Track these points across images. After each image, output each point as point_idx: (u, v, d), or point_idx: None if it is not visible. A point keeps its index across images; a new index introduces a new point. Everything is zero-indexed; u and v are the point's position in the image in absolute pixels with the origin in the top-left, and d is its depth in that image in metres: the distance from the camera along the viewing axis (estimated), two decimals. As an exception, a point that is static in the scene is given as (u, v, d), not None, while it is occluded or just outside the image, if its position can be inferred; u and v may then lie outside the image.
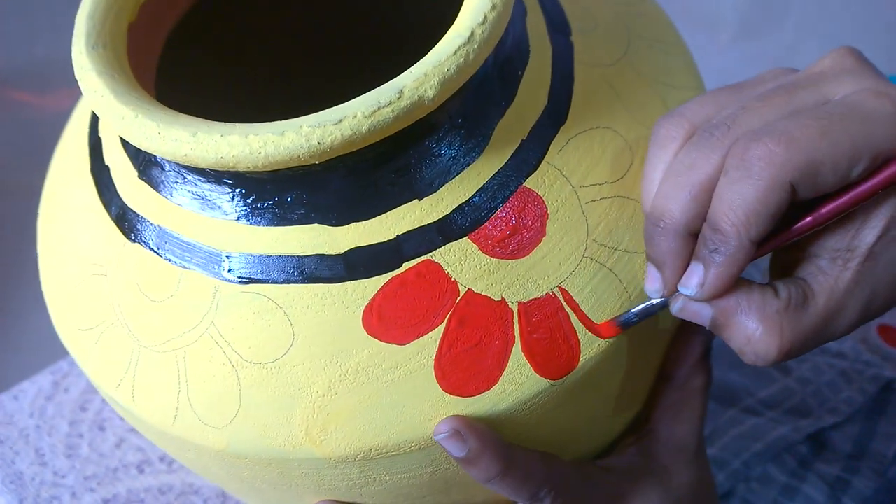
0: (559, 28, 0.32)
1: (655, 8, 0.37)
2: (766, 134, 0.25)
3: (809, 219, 0.26)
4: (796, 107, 0.26)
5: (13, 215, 0.63)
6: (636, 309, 0.29)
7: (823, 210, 0.25)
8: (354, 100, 0.26)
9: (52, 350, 0.55)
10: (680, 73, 0.34)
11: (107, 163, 0.32)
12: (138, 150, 0.31)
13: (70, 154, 0.36)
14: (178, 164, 0.29)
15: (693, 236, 0.27)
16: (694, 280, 0.27)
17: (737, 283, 0.27)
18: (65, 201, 0.35)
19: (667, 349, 0.35)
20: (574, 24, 0.33)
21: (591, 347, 0.29)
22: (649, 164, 0.29)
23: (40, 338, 0.63)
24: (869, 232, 0.26)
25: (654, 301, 0.29)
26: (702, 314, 0.28)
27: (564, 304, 0.29)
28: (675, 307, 0.28)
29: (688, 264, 0.28)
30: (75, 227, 0.33)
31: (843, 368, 0.50)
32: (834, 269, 0.26)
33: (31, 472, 0.51)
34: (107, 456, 0.52)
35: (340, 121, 0.25)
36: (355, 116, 0.25)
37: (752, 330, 0.26)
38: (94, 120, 0.35)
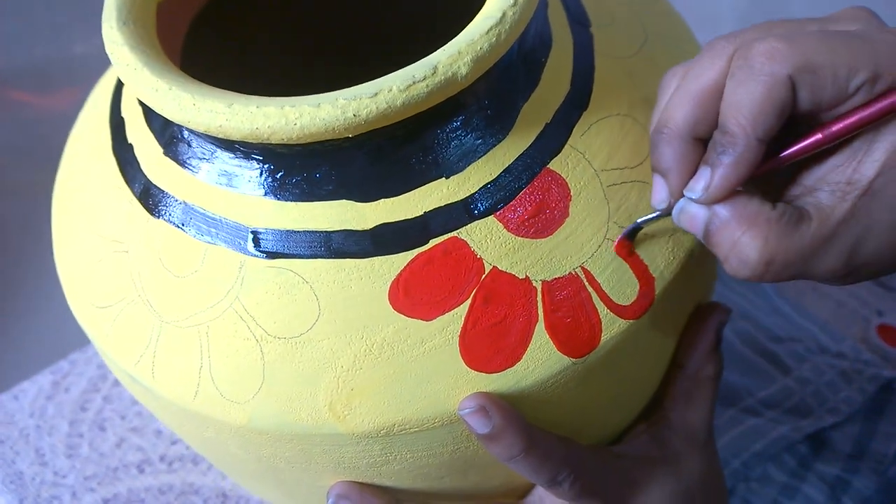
0: (579, 20, 0.33)
1: (668, 7, 0.38)
2: (768, 35, 0.26)
3: (819, 135, 0.26)
4: (801, 28, 0.27)
5: (13, 215, 0.63)
6: (642, 219, 0.29)
7: (834, 128, 0.26)
8: (390, 74, 0.26)
9: (52, 350, 0.55)
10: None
11: (130, 141, 0.33)
12: (164, 127, 0.31)
13: (88, 136, 0.36)
14: (206, 140, 0.29)
15: (699, 143, 0.28)
16: (700, 183, 0.27)
17: (738, 193, 0.27)
18: (83, 181, 0.35)
19: (679, 338, 0.36)
20: (593, 19, 0.34)
21: (612, 327, 0.30)
22: (658, 100, 0.30)
23: (40, 338, 0.63)
24: (870, 166, 0.26)
25: (658, 212, 0.29)
26: (697, 218, 0.28)
27: (586, 283, 0.29)
28: (675, 212, 0.28)
29: (694, 172, 0.28)
30: (95, 206, 0.33)
31: (843, 368, 0.51)
32: (832, 200, 0.26)
33: (32, 472, 0.50)
34: (107, 456, 0.51)
35: (376, 94, 0.26)
36: (391, 90, 0.26)
37: (739, 234, 0.26)
38: (115, 101, 0.35)
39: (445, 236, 0.29)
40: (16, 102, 0.70)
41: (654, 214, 0.29)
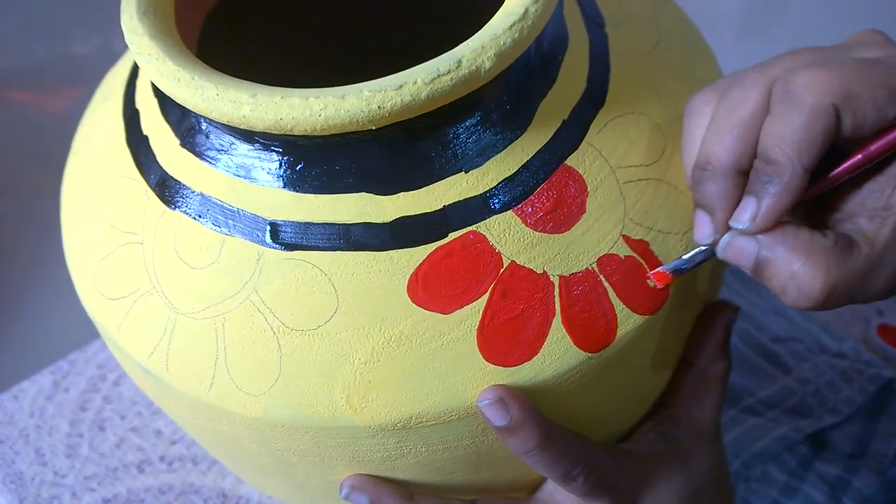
0: (594, 20, 0.34)
1: (678, 8, 0.38)
2: (805, 65, 0.26)
3: (860, 156, 0.26)
4: (831, 56, 0.27)
5: (13, 215, 0.63)
6: (686, 256, 0.30)
7: (873, 147, 0.26)
8: (414, 67, 0.26)
9: (52, 350, 0.55)
10: (705, 67, 0.36)
11: (145, 133, 0.33)
12: (181, 119, 0.31)
13: (100, 129, 0.36)
14: (225, 131, 0.29)
15: (741, 178, 0.28)
16: (747, 214, 0.27)
17: (786, 222, 0.27)
18: (95, 174, 0.35)
19: (688, 335, 0.36)
20: (608, 18, 0.34)
21: (627, 322, 0.30)
22: (688, 129, 0.30)
23: (40, 338, 0.63)
24: None
25: (703, 247, 0.29)
26: (747, 251, 0.28)
27: (603, 279, 0.30)
28: (721, 246, 0.28)
29: (737, 205, 0.28)
30: (108, 198, 0.33)
31: (843, 368, 0.51)
32: (873, 226, 0.27)
33: (31, 472, 0.50)
34: (107, 456, 0.51)
35: (401, 86, 0.26)
36: (415, 83, 0.26)
37: (798, 266, 0.26)
38: (129, 93, 0.35)
39: (464, 230, 0.29)
40: (16, 102, 0.70)
41: (697, 251, 0.30)
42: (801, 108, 0.26)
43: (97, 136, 0.36)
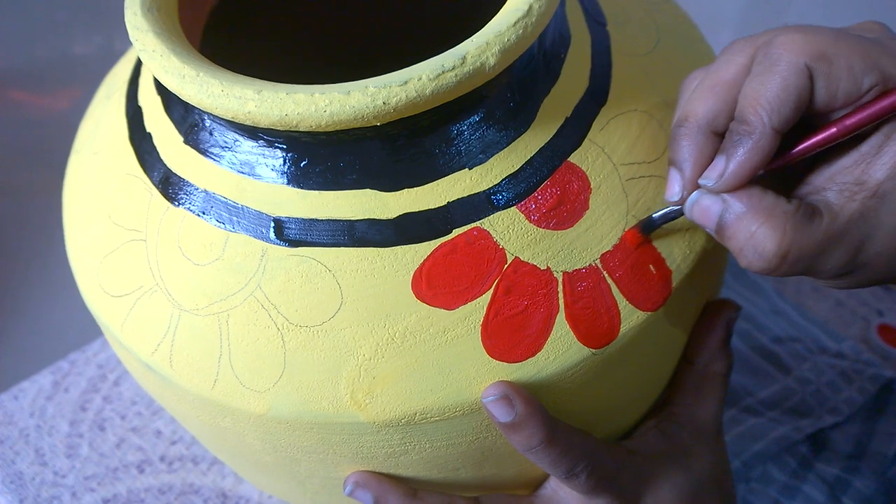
0: (596, 18, 0.34)
1: (678, 8, 0.39)
2: (787, 30, 0.26)
3: (833, 129, 0.26)
4: (816, 27, 0.27)
5: (13, 215, 0.62)
6: (656, 214, 0.30)
7: (848, 121, 0.26)
8: (419, 63, 0.26)
9: (52, 350, 0.55)
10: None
11: (148, 130, 0.33)
12: (184, 116, 0.31)
13: (102, 127, 0.36)
14: (229, 128, 0.29)
15: (716, 136, 0.28)
16: (715, 171, 0.27)
17: (752, 184, 0.27)
18: (97, 171, 0.35)
19: (690, 333, 0.36)
20: (609, 17, 0.34)
21: (630, 319, 0.30)
22: (680, 96, 0.30)
23: (40, 338, 0.62)
24: (879, 169, 0.26)
25: (673, 205, 0.29)
26: (711, 210, 0.28)
27: (606, 275, 0.30)
28: (688, 205, 0.28)
29: (709, 164, 0.28)
30: (111, 195, 0.33)
31: (843, 368, 0.51)
32: (840, 199, 0.27)
33: (31, 472, 0.50)
34: (107, 456, 0.51)
35: (406, 82, 0.26)
36: (420, 79, 0.26)
37: (756, 226, 0.26)
38: (132, 91, 0.35)
39: (468, 226, 0.29)
40: (16, 102, 0.70)
41: (668, 209, 0.30)
42: (775, 67, 0.26)
43: (100, 133, 0.36)
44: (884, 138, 0.26)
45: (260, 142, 0.29)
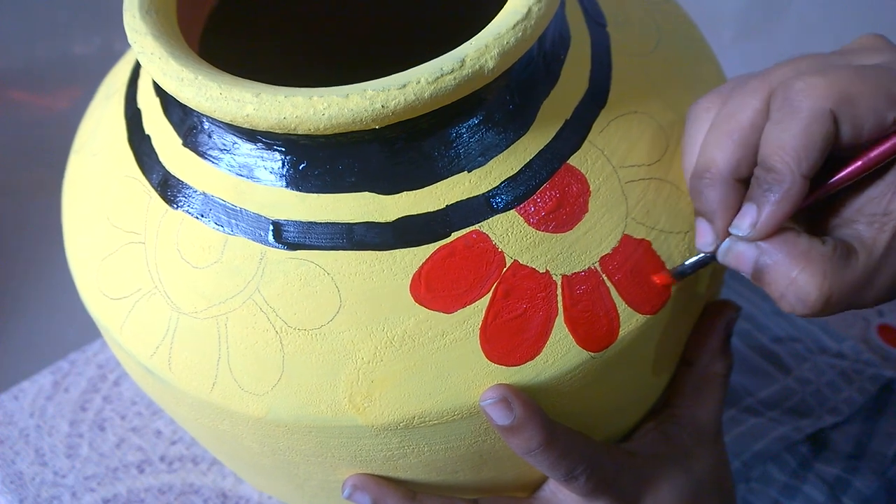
0: (596, 20, 0.34)
1: (679, 8, 0.39)
2: (804, 73, 0.26)
3: (859, 162, 0.26)
4: (830, 63, 0.27)
5: (13, 215, 0.62)
6: (689, 262, 0.30)
7: (872, 154, 0.26)
8: (418, 66, 0.26)
9: (52, 350, 0.55)
10: (705, 67, 0.36)
11: (147, 132, 0.33)
12: (183, 118, 0.31)
13: (101, 128, 0.36)
14: (228, 131, 0.29)
15: (740, 184, 0.28)
16: (747, 221, 0.27)
17: (785, 229, 0.27)
18: (96, 173, 0.35)
19: (690, 335, 0.36)
20: (609, 18, 0.34)
21: (629, 322, 0.30)
22: (688, 133, 0.30)
23: (40, 338, 0.62)
24: None
25: (705, 253, 0.29)
26: (746, 256, 0.28)
27: (605, 278, 0.30)
28: (721, 251, 0.28)
29: (737, 212, 0.28)
30: (109, 197, 0.33)
31: (843, 368, 0.51)
32: (871, 232, 0.27)
33: (31, 472, 0.50)
34: (107, 456, 0.51)
35: (404, 85, 0.26)
36: (419, 82, 0.26)
37: (796, 272, 0.26)
38: (130, 93, 0.35)
39: (467, 229, 0.29)
40: (16, 102, 0.70)
41: (699, 257, 0.30)
42: (799, 114, 0.26)
43: (99, 135, 0.36)
44: None
45: (258, 144, 0.29)
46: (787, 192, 0.26)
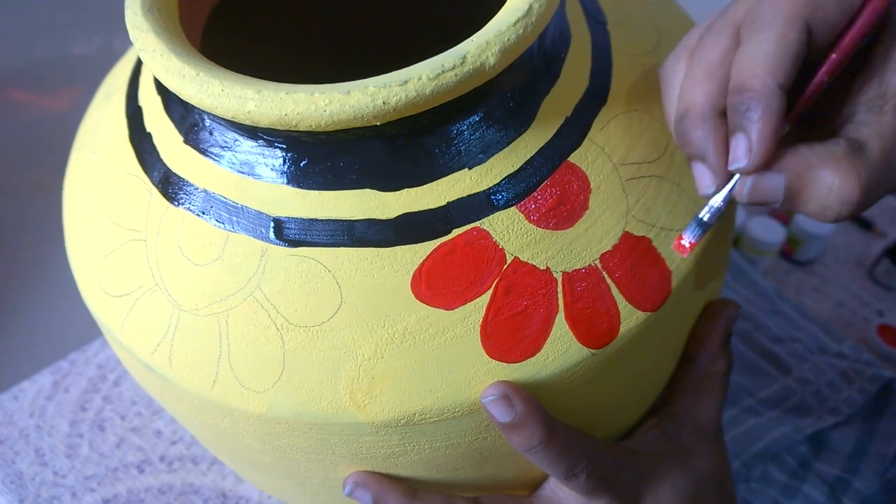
0: (596, 18, 0.34)
1: (678, 8, 0.39)
2: None
3: (833, 55, 0.26)
4: None
5: (13, 215, 0.62)
6: (705, 215, 0.29)
7: (843, 43, 0.26)
8: (419, 63, 0.26)
9: (52, 350, 0.55)
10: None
11: (148, 130, 0.33)
12: (184, 116, 0.31)
13: (102, 126, 0.36)
14: (229, 128, 0.29)
15: (722, 118, 0.27)
16: (740, 149, 0.26)
17: (794, 146, 0.27)
18: (97, 171, 0.35)
19: (690, 333, 0.36)
20: (609, 16, 0.34)
21: (630, 319, 0.30)
22: (665, 92, 0.29)
23: (40, 338, 0.62)
24: (893, 75, 0.26)
25: (716, 199, 0.28)
26: (773, 184, 0.27)
27: (606, 275, 0.30)
28: (745, 191, 0.27)
29: (727, 147, 0.27)
30: (110, 195, 0.33)
31: (843, 368, 0.51)
32: (872, 118, 0.26)
33: (31, 472, 0.50)
34: (107, 456, 0.51)
35: (406, 82, 0.26)
36: (420, 78, 0.26)
37: (831, 179, 0.26)
38: (132, 91, 0.35)
39: (468, 226, 0.29)
40: (16, 102, 0.70)
41: (716, 206, 0.28)
42: (768, 28, 0.25)
43: (100, 133, 0.36)
44: (888, 46, 0.26)
45: (260, 141, 0.29)
46: (769, 107, 0.25)
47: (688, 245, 0.29)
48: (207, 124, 0.30)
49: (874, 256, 0.63)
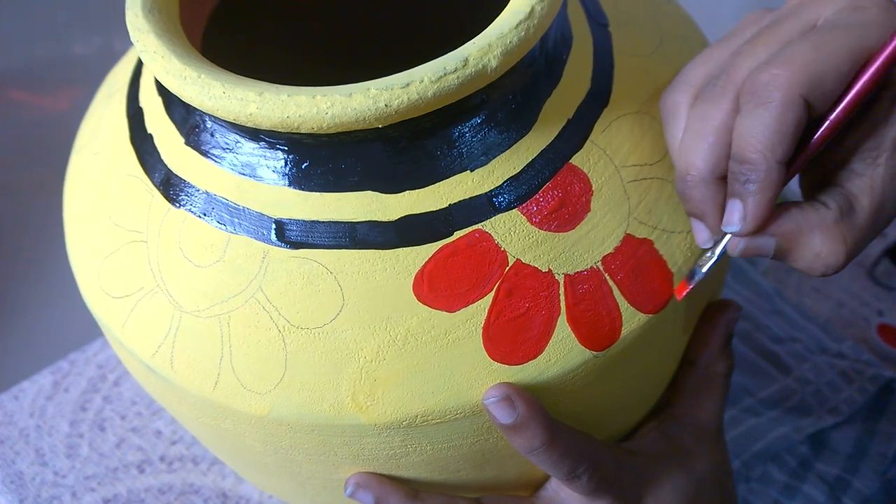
0: (598, 20, 0.34)
1: (680, 9, 0.39)
2: (766, 64, 0.26)
3: (826, 123, 0.27)
4: (785, 38, 0.27)
5: (13, 215, 0.63)
6: (703, 266, 0.30)
7: (833, 114, 0.26)
8: (421, 66, 0.26)
9: (52, 350, 0.55)
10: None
11: (149, 131, 0.33)
12: (185, 117, 0.31)
13: (103, 128, 0.36)
14: (230, 129, 0.29)
15: (722, 181, 0.28)
16: (735, 216, 0.27)
17: (787, 207, 0.28)
18: (98, 172, 0.35)
19: (691, 335, 0.36)
20: (611, 18, 0.34)
21: (632, 321, 0.30)
22: (667, 129, 0.30)
23: (40, 338, 0.62)
24: (891, 128, 0.27)
25: (711, 253, 0.30)
26: (765, 247, 0.28)
27: (608, 277, 0.30)
28: (737, 250, 0.29)
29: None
30: (111, 196, 0.33)
31: (843, 368, 0.51)
32: (866, 169, 0.27)
33: (32, 472, 0.50)
34: (107, 456, 0.51)
35: (408, 85, 0.26)
36: (422, 81, 0.26)
37: (818, 247, 0.27)
38: (132, 92, 0.35)
39: (470, 228, 0.29)
40: (16, 102, 0.70)
41: (710, 256, 0.30)
42: (769, 105, 0.26)
43: (101, 134, 0.36)
44: (889, 103, 0.27)
45: (261, 143, 0.29)
46: (766, 180, 0.26)
47: (678, 288, 0.31)
48: (209, 126, 0.30)
49: (874, 256, 0.63)
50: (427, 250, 0.29)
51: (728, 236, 0.29)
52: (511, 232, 0.29)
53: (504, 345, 0.29)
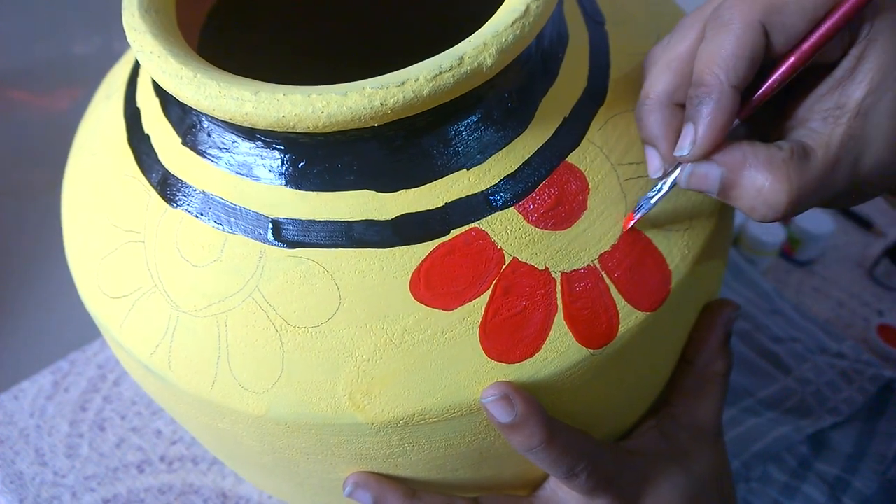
0: (594, 18, 0.34)
1: (676, 7, 0.39)
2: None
3: (791, 58, 0.26)
4: None
5: (13, 215, 0.63)
6: (653, 196, 0.29)
7: (805, 46, 0.26)
8: (417, 64, 0.26)
9: (52, 350, 0.55)
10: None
11: (146, 132, 0.33)
12: (183, 117, 0.31)
13: (101, 128, 0.36)
14: (227, 129, 0.29)
15: (679, 108, 0.28)
16: (687, 139, 0.27)
17: (738, 142, 0.27)
18: (96, 173, 0.35)
19: (689, 334, 0.36)
20: (607, 16, 0.34)
21: (629, 319, 0.30)
22: (643, 79, 0.30)
23: (40, 338, 0.62)
24: (856, 88, 0.26)
25: (661, 184, 0.29)
26: (710, 175, 0.27)
27: (604, 275, 0.30)
28: (683, 177, 0.28)
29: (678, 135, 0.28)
30: (109, 197, 0.33)
31: (843, 368, 0.51)
32: (826, 127, 0.27)
33: (32, 472, 0.50)
34: (107, 456, 0.51)
35: (403, 83, 0.26)
36: (417, 80, 0.26)
37: (762, 181, 0.26)
38: (130, 92, 0.35)
39: (466, 227, 0.29)
40: (16, 102, 0.70)
41: (658, 189, 0.29)
42: (727, 27, 0.26)
43: (98, 135, 0.36)
44: (854, 61, 0.27)
45: (258, 143, 0.29)
46: (719, 104, 0.26)
47: (627, 218, 0.30)
48: (205, 126, 0.30)
49: (874, 256, 0.63)
50: (423, 249, 0.29)
51: (679, 169, 0.28)
52: (507, 230, 0.29)
53: (501, 343, 0.29)
